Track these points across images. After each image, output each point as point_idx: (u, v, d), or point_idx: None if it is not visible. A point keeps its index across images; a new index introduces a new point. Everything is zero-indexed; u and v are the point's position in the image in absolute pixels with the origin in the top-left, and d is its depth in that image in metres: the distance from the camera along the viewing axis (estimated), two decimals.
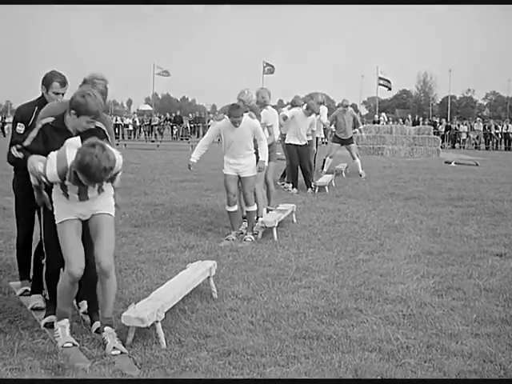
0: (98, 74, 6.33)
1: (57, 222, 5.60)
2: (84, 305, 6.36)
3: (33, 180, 5.63)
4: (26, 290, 6.99)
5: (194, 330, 5.91)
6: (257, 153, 10.41)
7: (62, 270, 5.82)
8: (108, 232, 5.66)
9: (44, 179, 5.42)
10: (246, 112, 10.10)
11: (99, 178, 5.14)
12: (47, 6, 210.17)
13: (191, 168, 10.68)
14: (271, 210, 11.63)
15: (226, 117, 10.01)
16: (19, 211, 7.03)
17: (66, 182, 5.38)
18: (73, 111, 5.56)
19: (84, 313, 6.30)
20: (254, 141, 10.32)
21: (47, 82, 6.77)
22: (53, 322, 5.85)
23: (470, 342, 5.69)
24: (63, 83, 6.78)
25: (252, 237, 10.15)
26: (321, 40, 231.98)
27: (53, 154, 5.39)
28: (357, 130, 21.44)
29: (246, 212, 10.59)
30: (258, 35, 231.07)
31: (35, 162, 5.45)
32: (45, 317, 6.13)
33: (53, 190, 5.62)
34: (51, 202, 5.66)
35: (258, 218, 10.69)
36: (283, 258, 8.86)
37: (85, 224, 5.69)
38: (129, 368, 5.13)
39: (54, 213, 5.63)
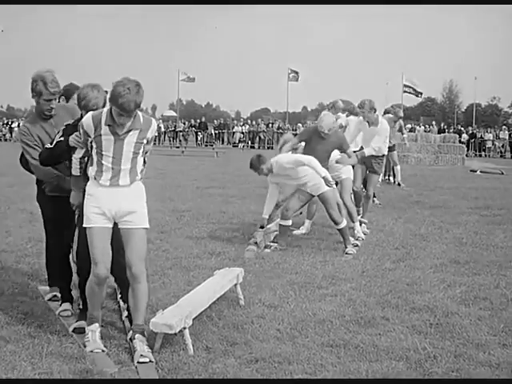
0: (41, 69, 6.52)
1: (84, 225, 5.64)
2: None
3: (74, 170, 5.86)
4: (55, 296, 7.04)
5: (222, 337, 5.93)
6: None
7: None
8: (140, 239, 5.67)
9: (82, 135, 5.62)
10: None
11: (128, 107, 5.25)
12: (70, 10, 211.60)
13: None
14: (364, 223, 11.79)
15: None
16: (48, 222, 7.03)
17: (102, 131, 5.44)
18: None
19: (126, 317, 6.30)
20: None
21: (70, 93, 6.93)
22: (81, 328, 5.90)
23: (497, 353, 5.65)
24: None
25: (353, 249, 9.94)
26: (345, 46, 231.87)
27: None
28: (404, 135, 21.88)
29: (338, 230, 10.23)
30: (283, 41, 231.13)
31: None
32: (75, 322, 6.18)
33: (87, 184, 5.69)
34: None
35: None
36: (309, 265, 8.86)
37: (115, 227, 5.72)
38: (149, 377, 5.14)
39: (84, 215, 5.66)
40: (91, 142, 5.55)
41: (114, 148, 5.48)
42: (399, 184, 20.24)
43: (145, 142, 5.60)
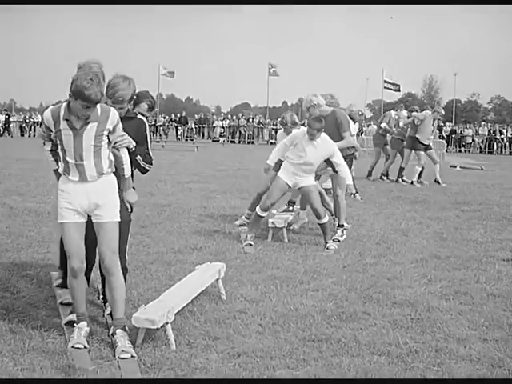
0: (92, 59, 6.40)
1: (58, 220, 5.67)
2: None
3: (50, 164, 5.83)
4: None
5: (204, 332, 5.93)
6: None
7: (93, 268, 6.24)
8: (111, 232, 5.68)
9: (44, 129, 5.61)
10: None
11: (95, 98, 5.26)
12: (52, 9, 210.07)
13: (267, 172, 10.72)
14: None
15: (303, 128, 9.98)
16: None
17: (61, 125, 5.41)
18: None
19: (109, 314, 6.26)
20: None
21: (140, 100, 6.78)
22: (73, 321, 5.88)
23: (478, 347, 5.70)
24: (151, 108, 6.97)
25: (335, 244, 9.93)
26: (325, 42, 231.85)
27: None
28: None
29: (319, 224, 10.17)
30: (263, 36, 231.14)
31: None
32: (69, 314, 6.16)
33: (59, 180, 5.69)
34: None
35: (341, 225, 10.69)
36: (291, 260, 8.88)
37: (89, 221, 5.73)
38: (132, 373, 5.11)
39: (58, 210, 5.67)
40: (55, 138, 5.55)
41: (74, 143, 5.45)
42: (438, 182, 20.54)
43: (105, 133, 5.54)
